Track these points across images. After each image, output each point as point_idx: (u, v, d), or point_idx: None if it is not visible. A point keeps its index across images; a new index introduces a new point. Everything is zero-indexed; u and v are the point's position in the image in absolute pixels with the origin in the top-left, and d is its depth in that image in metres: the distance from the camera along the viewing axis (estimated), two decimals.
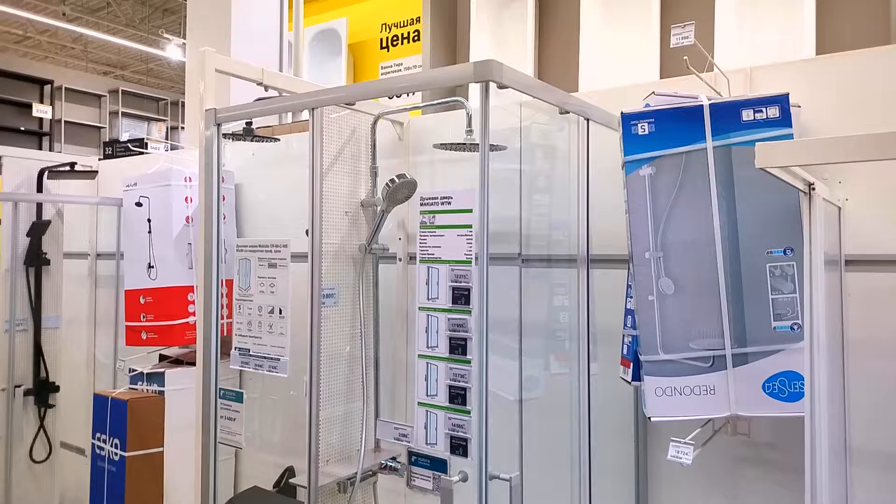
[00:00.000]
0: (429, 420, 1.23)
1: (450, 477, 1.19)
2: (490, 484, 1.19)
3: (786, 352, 1.33)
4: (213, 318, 1.65)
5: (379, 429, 1.35)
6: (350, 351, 1.89)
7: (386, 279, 2.13)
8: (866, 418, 1.42)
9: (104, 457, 2.30)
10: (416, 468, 1.25)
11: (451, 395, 1.21)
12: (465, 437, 1.19)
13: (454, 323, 1.22)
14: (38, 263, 2.97)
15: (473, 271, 1.20)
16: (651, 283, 1.39)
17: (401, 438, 1.30)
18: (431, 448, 1.22)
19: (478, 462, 1.12)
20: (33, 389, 2.90)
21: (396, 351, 2.08)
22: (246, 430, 2.57)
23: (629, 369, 1.49)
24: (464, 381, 1.20)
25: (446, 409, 1.22)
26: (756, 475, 1.53)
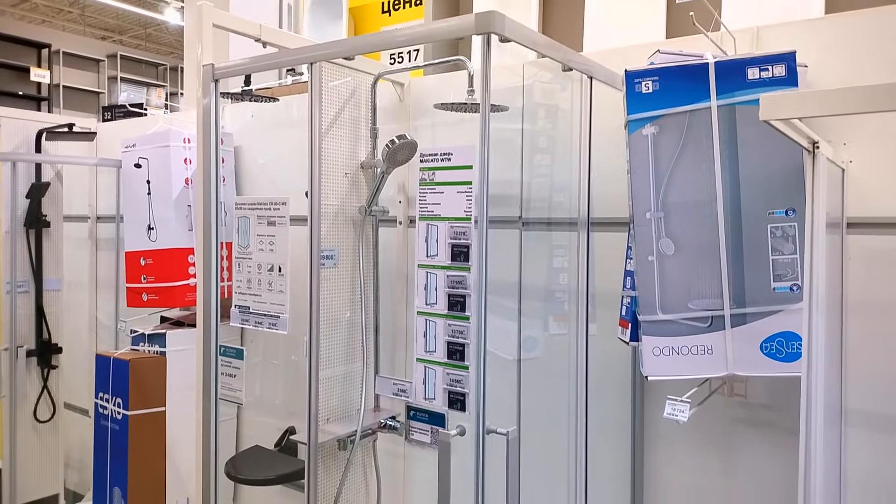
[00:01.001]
0: (427, 376, 1.24)
1: (448, 431, 1.21)
2: (487, 438, 1.20)
3: (785, 312, 1.33)
4: (212, 280, 1.65)
5: (378, 384, 1.36)
6: (350, 312, 1.90)
7: (386, 242, 2.13)
8: (863, 380, 1.43)
9: (107, 416, 2.33)
10: (415, 423, 1.27)
11: (449, 351, 1.22)
12: (463, 392, 1.20)
13: (453, 280, 1.22)
14: (38, 226, 2.97)
15: (472, 229, 1.20)
16: (651, 244, 1.38)
17: (399, 394, 1.31)
18: (430, 403, 1.23)
19: (475, 416, 1.13)
20: (36, 350, 2.93)
21: (396, 313, 2.09)
22: (247, 395, 2.60)
23: (627, 330, 1.49)
24: (462, 338, 1.20)
25: (445, 365, 1.22)
26: (751, 436, 1.54)
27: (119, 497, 2.25)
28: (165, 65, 10.80)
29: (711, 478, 1.59)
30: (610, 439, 1.71)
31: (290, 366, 2.44)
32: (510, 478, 1.21)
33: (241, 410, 2.59)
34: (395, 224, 2.13)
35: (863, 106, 0.81)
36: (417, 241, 1.26)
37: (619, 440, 1.70)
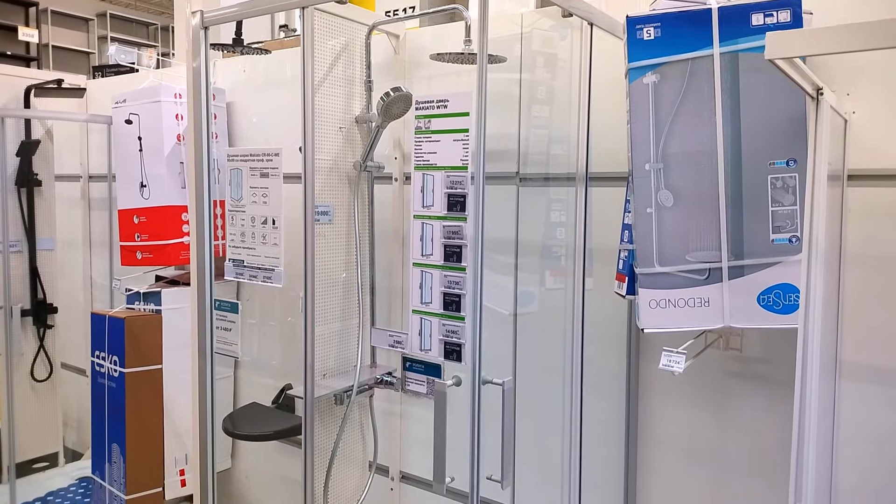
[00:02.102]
0: (423, 327, 1.24)
1: (444, 381, 1.21)
2: (483, 389, 1.20)
3: (783, 264, 1.32)
4: (206, 238, 1.63)
5: (374, 336, 1.36)
6: (345, 268, 1.89)
7: (382, 200, 2.11)
8: (858, 333, 1.43)
9: (104, 373, 2.33)
10: (411, 373, 1.26)
11: (445, 302, 1.21)
12: (459, 343, 1.20)
13: (449, 230, 1.20)
14: (30, 184, 2.94)
15: (469, 178, 1.18)
16: (650, 196, 1.37)
17: (395, 345, 1.30)
18: (426, 354, 1.23)
19: (471, 366, 1.13)
20: (31, 310, 2.92)
21: (392, 271, 2.08)
22: (244, 355, 2.61)
23: (624, 284, 1.48)
24: (458, 288, 1.19)
25: (441, 316, 1.22)
26: (746, 389, 1.55)
27: (118, 453, 2.27)
28: (157, 24, 10.58)
29: (705, 430, 1.60)
30: (605, 393, 1.72)
31: (287, 326, 2.43)
32: (506, 427, 1.21)
33: (237, 371, 2.59)
34: (390, 181, 2.10)
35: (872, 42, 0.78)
36: (413, 191, 1.24)
37: (613, 393, 1.71)
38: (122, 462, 2.25)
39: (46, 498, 2.70)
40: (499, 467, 1.25)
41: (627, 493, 1.70)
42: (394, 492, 2.15)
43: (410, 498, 2.13)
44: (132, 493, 2.25)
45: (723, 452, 1.58)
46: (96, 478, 2.39)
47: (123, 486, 2.24)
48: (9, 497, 2.48)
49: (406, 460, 2.14)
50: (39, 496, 2.71)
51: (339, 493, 1.92)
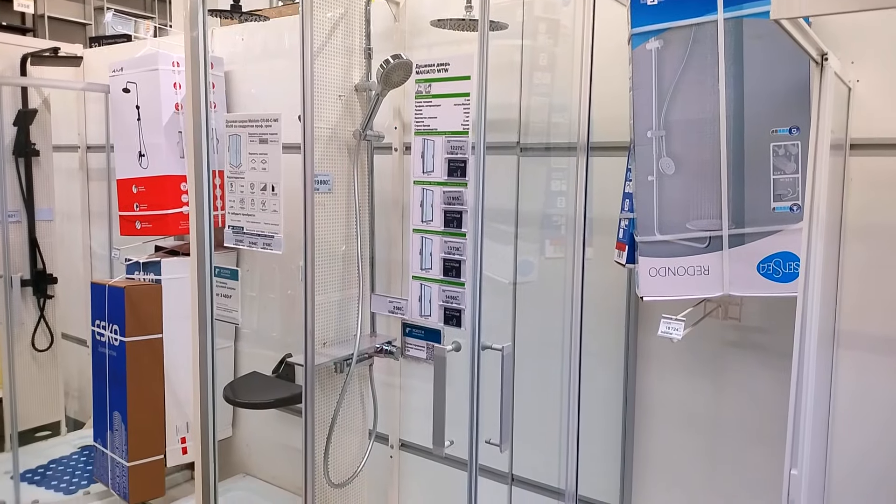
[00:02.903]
0: (423, 293, 1.24)
1: (443, 346, 1.21)
2: (482, 356, 1.21)
3: (783, 232, 1.32)
4: (205, 209, 1.62)
5: (374, 303, 1.36)
6: (345, 238, 1.88)
7: (381, 170, 2.10)
8: (857, 302, 1.43)
9: (104, 342, 2.34)
10: (411, 339, 1.27)
11: (445, 268, 1.21)
12: (459, 309, 1.20)
13: (449, 196, 1.19)
14: (28, 154, 2.92)
15: (469, 143, 1.17)
16: (651, 163, 1.36)
17: (395, 311, 1.31)
18: (425, 320, 1.23)
19: (471, 331, 1.13)
20: (31, 280, 2.92)
21: (392, 242, 2.08)
22: (244, 327, 2.62)
23: (624, 252, 1.48)
24: (458, 254, 1.19)
25: (441, 282, 1.22)
26: (744, 358, 1.56)
27: (119, 421, 2.29)
28: None
29: (703, 399, 1.62)
30: (603, 361, 1.73)
31: (286, 299, 2.44)
32: (504, 392, 1.22)
33: (237, 343, 2.61)
34: (390, 151, 2.09)
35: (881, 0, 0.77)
36: (413, 156, 1.23)
37: (612, 362, 1.72)
38: (123, 429, 2.27)
39: (49, 465, 2.73)
40: (497, 432, 1.26)
41: (624, 459, 1.72)
42: (393, 459, 2.18)
43: (410, 465, 2.16)
44: (134, 459, 2.27)
45: (720, 421, 1.60)
46: (98, 445, 2.41)
47: (125, 452, 2.27)
48: (12, 465, 2.50)
49: (405, 429, 2.16)
50: (42, 464, 2.74)
51: (339, 460, 1.94)
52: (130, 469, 2.27)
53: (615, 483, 1.75)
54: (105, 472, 2.39)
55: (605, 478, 1.76)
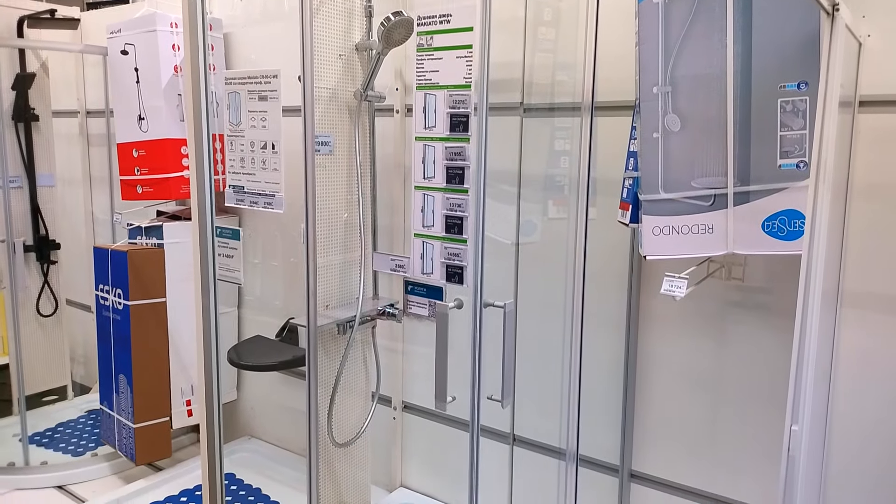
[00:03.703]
0: (425, 250, 1.23)
1: (445, 303, 1.21)
2: (484, 314, 1.21)
3: (789, 190, 1.30)
4: (205, 173, 1.61)
5: (376, 261, 1.36)
6: (347, 200, 1.87)
7: (382, 132, 2.08)
8: (861, 260, 1.42)
9: (108, 306, 2.35)
10: (413, 297, 1.27)
11: (447, 224, 1.20)
12: (461, 266, 1.20)
13: (451, 152, 1.18)
14: (27, 119, 2.90)
15: (472, 97, 1.15)
16: (657, 120, 1.34)
17: (397, 269, 1.30)
18: (427, 277, 1.23)
19: (473, 287, 1.13)
20: (34, 246, 2.92)
21: (394, 204, 2.07)
22: (248, 295, 2.62)
23: (627, 212, 1.47)
24: (460, 211, 1.18)
25: (442, 239, 1.21)
26: (747, 319, 1.56)
27: (125, 383, 2.31)
28: None
29: (705, 359, 1.62)
30: (605, 322, 1.73)
31: (289, 266, 2.44)
32: (506, 348, 1.22)
33: (241, 309, 2.62)
34: (391, 113, 2.07)
35: None
36: (415, 112, 1.21)
37: (614, 323, 1.72)
38: (129, 392, 2.30)
39: (56, 428, 2.77)
40: (499, 389, 1.27)
41: (625, 419, 1.73)
42: (396, 420, 2.20)
43: (412, 426, 2.18)
44: (140, 421, 2.30)
45: (722, 381, 1.60)
46: (105, 408, 2.44)
47: (131, 414, 2.29)
48: (20, 427, 2.53)
49: (408, 391, 2.18)
50: (50, 427, 2.78)
51: (343, 421, 1.96)
52: (137, 431, 2.29)
53: (616, 443, 1.76)
54: (112, 434, 2.42)
55: (606, 438, 1.77)
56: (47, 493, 2.34)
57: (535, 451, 1.92)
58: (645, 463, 1.73)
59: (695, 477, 1.66)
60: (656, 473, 1.71)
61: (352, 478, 2.02)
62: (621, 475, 1.75)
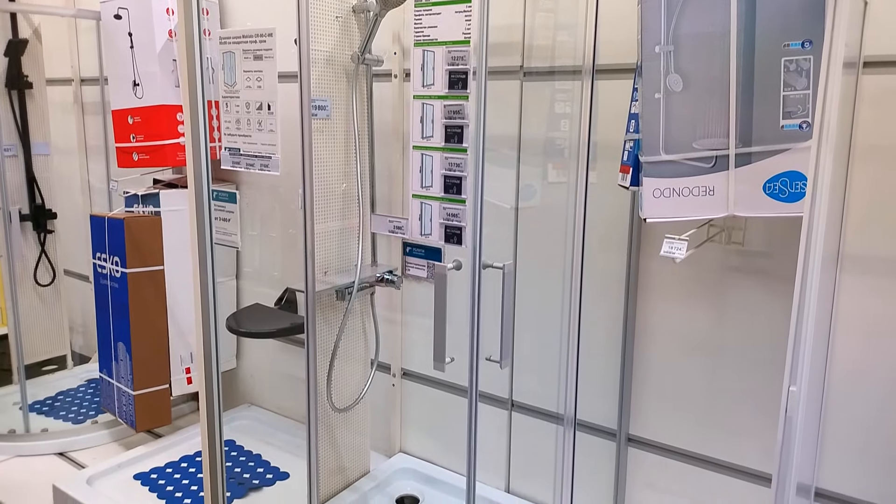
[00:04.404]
0: (423, 211, 1.22)
1: (444, 264, 1.20)
2: (483, 275, 1.20)
3: (791, 151, 1.29)
4: (201, 141, 1.59)
5: (374, 223, 1.35)
6: (345, 165, 1.86)
7: (380, 98, 2.06)
8: (863, 223, 1.41)
9: (106, 274, 2.35)
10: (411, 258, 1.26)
11: (446, 185, 1.19)
12: (460, 226, 1.19)
13: (450, 110, 1.16)
14: (21, 87, 2.86)
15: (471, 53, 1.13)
16: (659, 80, 1.32)
17: (395, 231, 1.29)
18: (426, 238, 1.22)
19: (471, 248, 1.12)
20: (30, 215, 2.91)
21: (392, 171, 2.05)
22: (246, 266, 2.62)
23: (628, 175, 1.46)
24: (459, 170, 1.17)
25: (441, 200, 1.20)
26: (747, 283, 1.55)
27: (124, 351, 2.31)
28: None
29: (704, 324, 1.62)
30: (604, 287, 1.73)
31: (288, 238, 2.43)
32: (505, 309, 1.22)
33: (240, 281, 2.61)
34: (389, 78, 2.04)
35: None
36: (413, 70, 1.19)
37: (613, 288, 1.72)
38: (128, 360, 2.30)
39: (57, 397, 2.78)
40: (497, 351, 1.27)
41: (623, 384, 1.74)
42: (395, 387, 2.21)
43: (411, 393, 2.19)
44: (139, 388, 2.30)
45: (720, 346, 1.60)
46: (104, 376, 2.45)
47: (131, 382, 2.30)
48: (20, 396, 2.55)
49: (407, 358, 2.19)
50: (50, 395, 2.79)
51: (342, 388, 1.97)
52: (136, 398, 2.30)
53: (614, 408, 1.77)
54: (112, 402, 2.43)
55: (603, 402, 1.78)
56: (48, 459, 2.36)
57: (533, 416, 1.93)
58: (642, 427, 1.74)
59: (692, 440, 1.67)
60: (653, 437, 1.73)
61: (351, 443, 2.04)
62: (619, 439, 1.77)
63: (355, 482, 2.04)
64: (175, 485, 2.08)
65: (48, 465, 2.33)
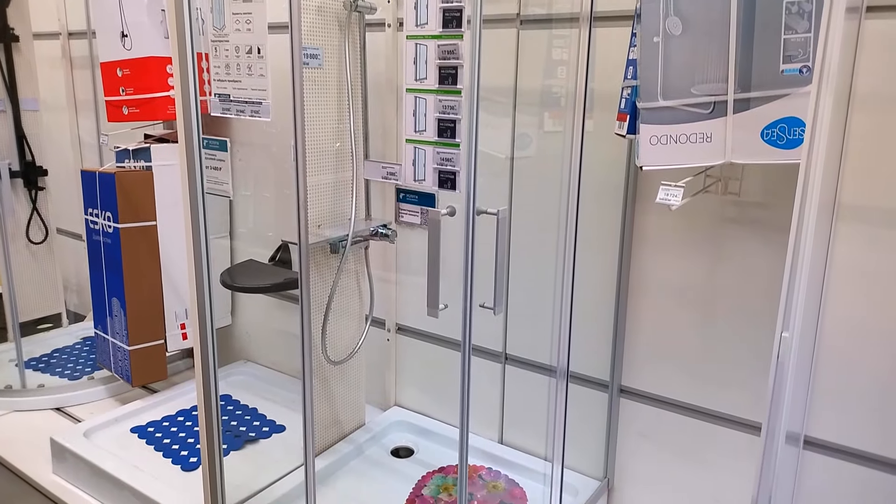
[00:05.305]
0: (417, 156, 1.20)
1: (437, 209, 1.19)
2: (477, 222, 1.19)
3: (790, 96, 1.27)
4: (190, 92, 1.55)
5: (367, 169, 1.33)
6: (338, 117, 1.83)
7: (373, 50, 2.02)
8: (860, 172, 1.40)
9: (98, 230, 2.33)
10: (404, 205, 1.25)
11: (439, 128, 1.17)
12: (454, 171, 1.17)
13: (444, 50, 1.14)
14: (7, 40, 2.80)
15: None
16: (658, 23, 1.29)
17: (389, 177, 1.28)
18: (419, 184, 1.20)
19: (465, 193, 1.10)
20: (21, 172, 2.87)
21: (386, 125, 2.02)
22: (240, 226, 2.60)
23: (625, 123, 1.44)
24: (453, 113, 1.14)
25: (435, 144, 1.18)
26: (742, 234, 1.55)
27: (118, 307, 2.31)
28: None
29: (698, 276, 1.62)
30: (599, 238, 1.73)
31: (282, 199, 2.41)
32: (499, 255, 1.21)
33: (233, 241, 2.60)
34: (383, 28, 2.00)
35: None
36: (406, 9, 1.16)
37: (607, 239, 1.71)
38: (122, 315, 2.30)
39: (52, 354, 2.79)
40: (491, 298, 1.27)
41: (616, 335, 1.75)
42: (390, 342, 2.22)
43: (406, 347, 2.20)
44: (134, 344, 2.31)
45: (715, 297, 1.61)
46: (99, 331, 2.45)
47: (126, 337, 2.30)
48: (15, 353, 2.55)
49: (402, 314, 2.19)
50: (45, 353, 2.80)
51: (337, 342, 1.98)
52: (132, 353, 2.31)
53: (607, 360, 1.78)
54: (107, 357, 2.44)
55: (596, 354, 1.79)
56: (45, 414, 2.37)
57: (526, 368, 1.95)
58: (635, 378, 1.75)
59: (684, 391, 1.68)
60: (646, 388, 1.74)
61: (346, 397, 2.05)
62: (611, 391, 1.78)
63: (351, 434, 2.06)
64: (172, 438, 2.10)
65: (45, 419, 2.34)
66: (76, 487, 1.96)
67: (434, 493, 1.80)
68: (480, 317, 1.71)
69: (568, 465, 1.87)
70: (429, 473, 1.90)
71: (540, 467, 1.88)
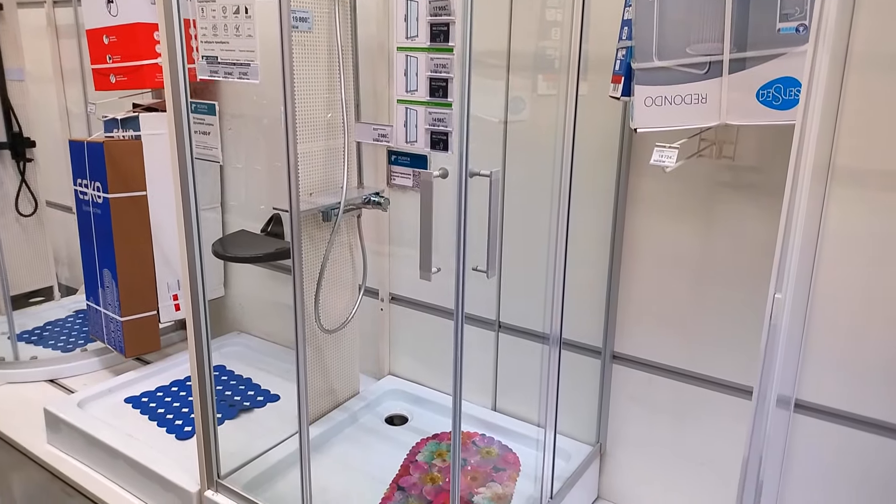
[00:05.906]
0: (408, 117, 1.19)
1: (430, 171, 1.18)
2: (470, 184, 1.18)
3: (787, 56, 1.25)
4: (178, 58, 1.52)
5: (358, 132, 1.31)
6: (328, 81, 1.80)
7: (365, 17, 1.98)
8: (855, 134, 1.39)
9: (88, 201, 2.30)
10: (396, 167, 1.23)
11: (431, 88, 1.15)
12: (446, 132, 1.16)
13: (435, 7, 1.11)
14: None
15: None
16: None
17: (380, 139, 1.26)
18: (411, 146, 1.19)
19: (458, 155, 1.09)
20: (8, 143, 2.83)
21: (378, 91, 2.00)
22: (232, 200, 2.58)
23: (620, 85, 1.42)
24: (445, 71, 1.13)
25: (426, 104, 1.16)
26: (736, 198, 1.54)
27: (109, 277, 2.30)
28: None
29: (692, 240, 1.61)
30: (593, 203, 1.72)
31: (274, 171, 2.39)
32: (492, 217, 1.20)
33: (225, 215, 2.58)
34: None
35: None
36: None
37: (601, 204, 1.70)
38: (114, 286, 2.28)
39: (45, 327, 2.77)
40: (484, 261, 1.26)
41: (609, 302, 1.75)
42: (383, 312, 2.21)
43: (399, 317, 2.20)
44: (127, 315, 2.30)
45: (707, 262, 1.60)
46: (91, 303, 2.43)
47: (118, 308, 2.29)
48: (7, 326, 2.54)
49: (395, 283, 2.18)
50: (38, 326, 2.79)
51: (330, 311, 1.97)
52: (125, 324, 2.30)
53: (599, 326, 1.78)
54: (100, 329, 2.43)
55: (589, 321, 1.79)
56: (39, 386, 2.37)
57: (519, 336, 1.95)
58: (627, 344, 1.76)
59: (676, 356, 1.69)
60: (638, 354, 1.75)
61: (340, 366, 2.05)
62: (603, 357, 1.79)
63: (345, 402, 2.07)
64: (166, 407, 2.10)
65: (39, 391, 2.34)
66: (71, 457, 1.97)
67: (428, 459, 1.81)
68: (474, 285, 1.70)
69: (561, 430, 1.88)
70: (423, 440, 1.91)
71: (533, 433, 1.89)
